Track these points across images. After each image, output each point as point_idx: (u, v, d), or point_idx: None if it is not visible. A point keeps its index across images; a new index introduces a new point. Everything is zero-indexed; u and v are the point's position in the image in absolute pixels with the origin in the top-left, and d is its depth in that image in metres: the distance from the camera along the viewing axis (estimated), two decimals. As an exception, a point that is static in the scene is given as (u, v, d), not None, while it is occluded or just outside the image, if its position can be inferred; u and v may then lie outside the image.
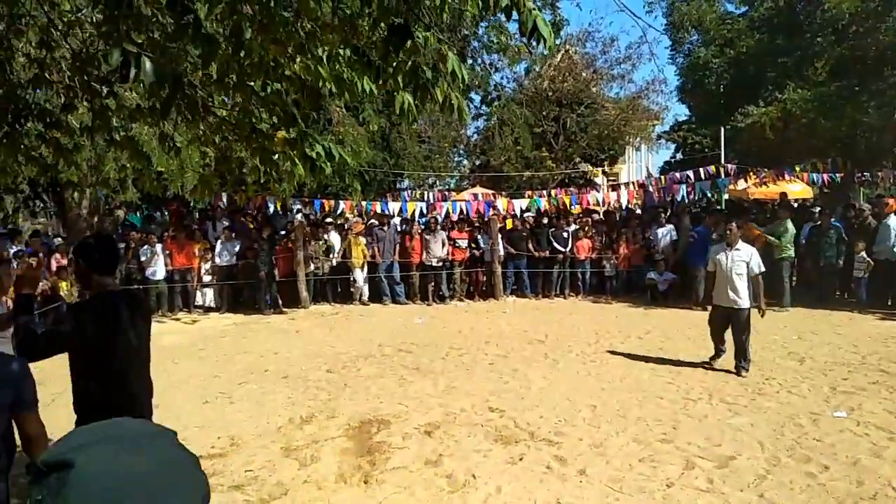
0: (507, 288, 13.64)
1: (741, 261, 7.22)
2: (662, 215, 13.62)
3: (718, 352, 7.50)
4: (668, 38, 22.70)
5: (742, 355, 7.18)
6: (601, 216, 15.82)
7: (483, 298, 13.52)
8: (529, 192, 18.53)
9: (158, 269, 12.01)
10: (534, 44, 2.15)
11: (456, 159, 24.60)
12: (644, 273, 13.13)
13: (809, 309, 11.07)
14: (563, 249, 13.50)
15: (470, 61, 18.74)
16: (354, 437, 5.53)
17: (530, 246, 13.54)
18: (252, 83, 2.38)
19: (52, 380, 4.18)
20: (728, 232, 7.52)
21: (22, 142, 3.97)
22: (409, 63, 2.18)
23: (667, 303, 12.34)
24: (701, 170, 15.55)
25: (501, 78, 23.02)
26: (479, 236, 13.66)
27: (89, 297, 3.13)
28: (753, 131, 16.49)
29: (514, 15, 2.27)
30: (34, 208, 14.92)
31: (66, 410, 3.11)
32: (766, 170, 14.35)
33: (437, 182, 23.32)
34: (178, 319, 11.94)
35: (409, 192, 20.60)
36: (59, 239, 12.24)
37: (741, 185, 15.30)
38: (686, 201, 16.00)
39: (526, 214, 14.84)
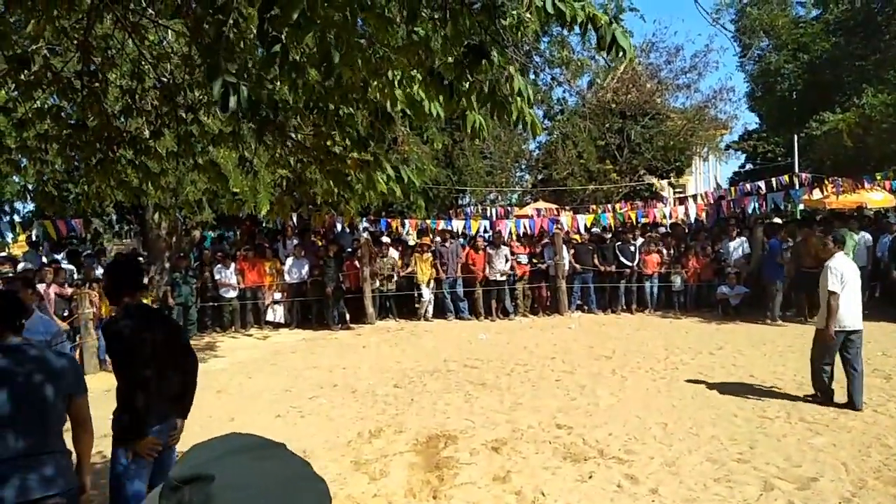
0: (573, 303, 13.49)
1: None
2: (733, 228, 13.22)
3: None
4: (736, 45, 22.16)
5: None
6: (668, 229, 15.47)
7: (547, 314, 13.40)
8: (594, 207, 18.34)
9: (231, 287, 12.47)
10: (611, 56, 2.17)
11: (518, 174, 24.57)
12: (714, 287, 12.76)
13: (894, 323, 10.50)
14: (629, 263, 13.26)
15: (532, 76, 18.76)
16: (422, 452, 5.58)
17: (596, 260, 13.37)
18: (329, 107, 2.48)
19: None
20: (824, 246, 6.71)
21: (114, 168, 4.25)
22: (485, 83, 2.24)
23: (739, 318, 11.94)
24: (773, 180, 15.02)
25: (564, 92, 22.94)
26: (543, 250, 13.57)
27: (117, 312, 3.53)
28: (829, 138, 15.88)
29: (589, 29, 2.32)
30: (119, 230, 15.75)
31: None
32: (843, 179, 13.76)
33: (500, 197, 23.34)
34: (250, 335, 12.34)
35: (472, 208, 20.69)
36: (141, 258, 12.85)
37: (817, 195, 14.70)
38: (758, 213, 15.50)
39: (592, 230, 14.68)
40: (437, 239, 13.95)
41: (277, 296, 13.04)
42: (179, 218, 11.62)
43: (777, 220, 14.83)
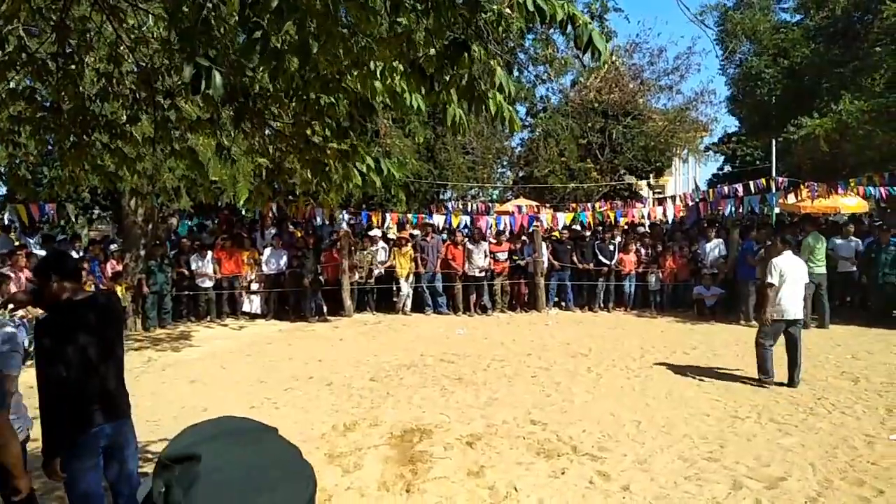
0: (550, 300, 13.55)
1: None
2: (711, 229, 13.38)
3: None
4: (718, 48, 22.38)
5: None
6: (647, 229, 15.61)
7: (525, 310, 13.45)
8: (574, 205, 18.43)
9: (207, 277, 12.35)
10: (588, 57, 2.17)
11: (499, 170, 24.61)
12: (690, 287, 12.90)
13: (865, 327, 10.70)
14: (608, 262, 13.35)
15: (516, 73, 18.78)
16: (397, 446, 5.57)
17: (574, 258, 13.44)
18: (309, 96, 2.46)
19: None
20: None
21: (89, 152, 4.17)
22: (464, 76, 2.23)
23: (714, 318, 12.09)
24: (751, 183, 15.21)
25: (547, 89, 23.02)
26: (522, 247, 13.60)
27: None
28: (806, 143, 16.09)
29: (568, 28, 2.32)
30: (93, 216, 15.50)
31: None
32: (818, 183, 13.96)
33: (481, 193, 23.37)
34: (225, 325, 12.23)
35: (453, 203, 20.69)
36: (115, 245, 12.67)
37: (792, 199, 14.90)
38: (734, 215, 15.68)
39: (571, 227, 14.76)
40: (417, 233, 13.93)
41: (254, 286, 12.93)
42: (156, 205, 11.46)
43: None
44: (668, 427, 5.91)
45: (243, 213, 15.00)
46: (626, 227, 15.65)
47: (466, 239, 13.44)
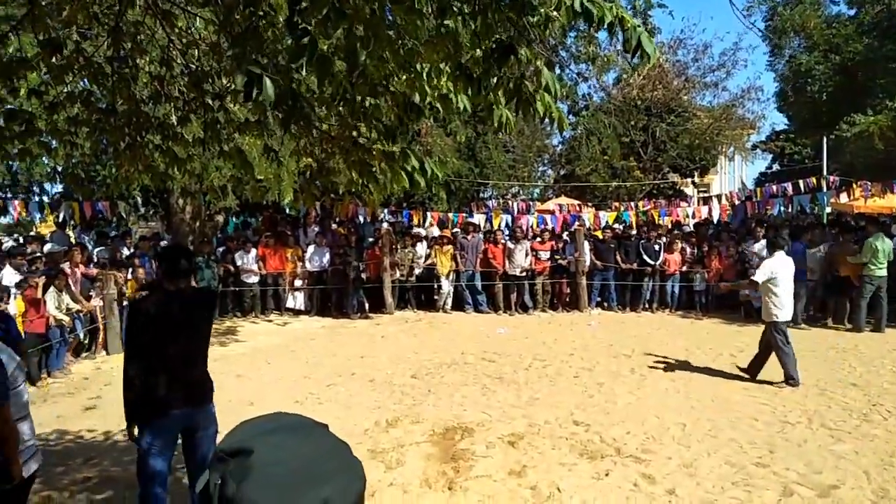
0: (593, 300, 13.42)
1: None
2: (758, 229, 13.05)
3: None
4: (766, 44, 21.82)
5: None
6: (692, 229, 15.31)
7: (567, 310, 13.35)
8: (616, 204, 18.20)
9: (252, 273, 12.59)
10: (637, 59, 2.15)
11: (540, 169, 24.46)
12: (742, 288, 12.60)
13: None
14: (652, 262, 13.14)
15: (558, 71, 18.64)
16: (439, 443, 5.60)
17: (618, 257, 13.27)
18: (356, 99, 2.49)
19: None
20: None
21: (142, 152, 4.30)
22: (512, 78, 2.23)
23: (762, 320, 11.77)
24: (800, 182, 14.78)
25: (589, 87, 22.78)
26: (564, 246, 13.50)
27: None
28: (860, 141, 15.56)
29: (605, 29, 2.29)
30: (144, 213, 15.96)
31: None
32: (872, 182, 13.49)
33: (521, 192, 23.27)
34: (270, 321, 12.45)
35: (493, 201, 20.66)
36: (164, 242, 13.01)
37: (844, 198, 14.43)
38: (783, 215, 15.27)
39: (614, 226, 14.60)
40: (458, 231, 13.96)
41: (298, 283, 13.14)
42: (204, 203, 11.74)
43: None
44: (715, 431, 5.79)
45: (287, 211, 15.25)
46: (670, 226, 15.38)
47: (507, 238, 13.40)
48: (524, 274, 13.13)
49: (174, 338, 3.48)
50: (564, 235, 14.09)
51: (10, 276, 8.61)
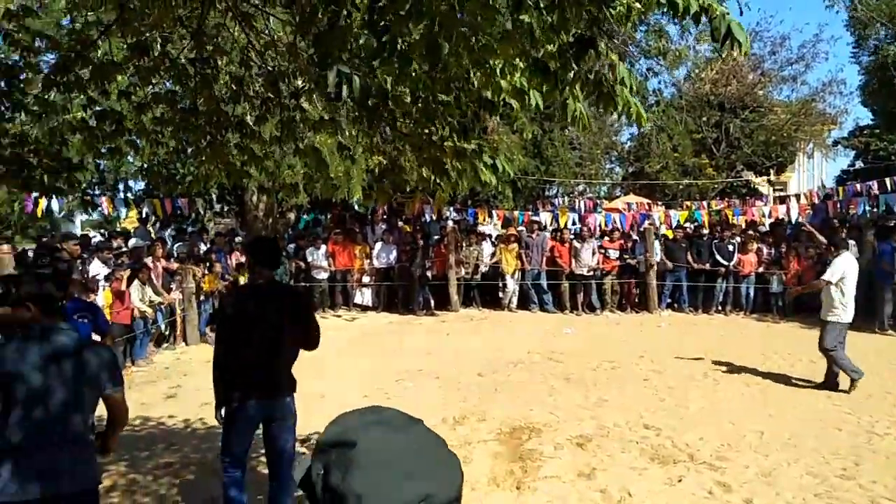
0: (663, 301, 13.07)
1: None
2: (841, 229, 12.40)
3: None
4: (850, 34, 20.71)
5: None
6: (768, 228, 14.70)
7: (636, 311, 13.05)
8: (687, 203, 17.68)
9: (322, 269, 12.87)
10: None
11: (608, 166, 24.00)
12: (817, 291, 12.01)
13: None
14: (726, 263, 12.68)
15: (627, 66, 18.27)
16: (506, 443, 5.58)
17: (689, 257, 12.88)
18: (432, 96, 2.49)
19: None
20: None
21: (222, 150, 4.45)
22: (590, 72, 2.19)
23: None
24: (886, 180, 13.95)
25: (659, 82, 22.19)
26: (633, 245, 13.20)
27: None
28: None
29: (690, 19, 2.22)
30: (219, 210, 16.57)
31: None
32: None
33: (588, 189, 22.90)
34: (339, 316, 12.70)
35: (559, 199, 20.41)
36: (239, 238, 13.46)
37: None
38: (868, 215, 14.46)
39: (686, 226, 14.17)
40: (523, 229, 13.87)
41: (366, 279, 13.35)
42: (276, 200, 12.09)
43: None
44: (795, 439, 5.54)
45: (355, 208, 15.52)
46: (744, 226, 14.81)
47: (573, 236, 13.21)
48: (591, 273, 12.92)
49: (256, 329, 3.61)
50: (633, 234, 13.77)
51: (98, 269, 9.08)
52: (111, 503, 4.55)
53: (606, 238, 13.24)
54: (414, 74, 2.18)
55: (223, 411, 3.72)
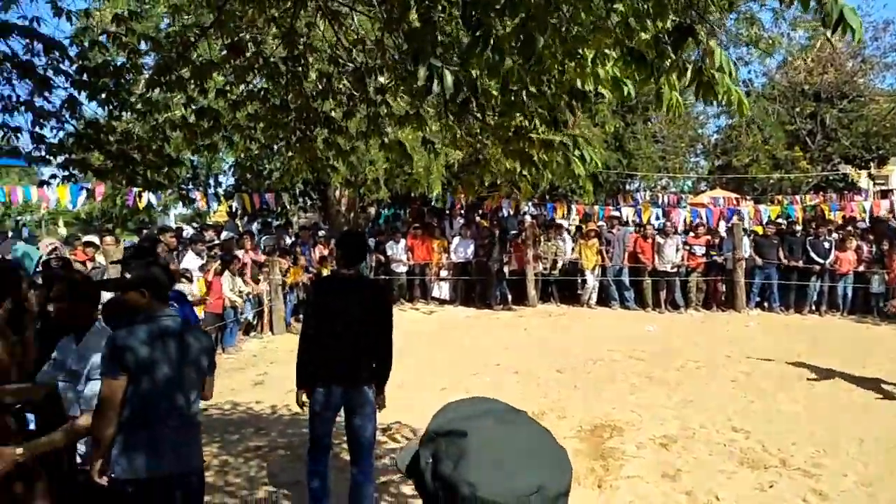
0: (752, 300, 12.52)
1: None
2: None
3: None
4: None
5: None
6: (868, 225, 13.83)
7: (722, 309, 12.55)
8: (779, 197, 16.88)
9: (401, 262, 13.06)
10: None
11: (693, 160, 23.20)
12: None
13: None
14: (821, 261, 12.02)
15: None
16: (586, 440, 5.51)
17: (781, 254, 12.28)
18: (525, 89, 2.48)
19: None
20: None
21: (310, 145, 4.60)
22: (688, 60, 2.13)
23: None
24: None
25: (749, 72, 21.23)
26: (721, 241, 12.69)
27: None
28: None
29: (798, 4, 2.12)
30: (303, 204, 17.09)
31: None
32: None
33: (672, 184, 22.21)
34: (416, 309, 12.85)
35: (641, 193, 19.90)
36: (322, 231, 13.85)
37: None
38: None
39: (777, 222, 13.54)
40: (603, 224, 13.61)
41: (443, 273, 13.45)
42: (358, 195, 12.35)
43: None
44: (899, 449, 5.21)
45: (433, 203, 15.66)
46: (841, 222, 14.00)
47: (657, 232, 12.85)
48: (675, 270, 12.52)
49: (339, 319, 3.76)
50: (721, 230, 13.25)
51: (192, 261, 9.55)
52: (206, 482, 4.79)
53: (691, 234, 12.80)
54: (511, 69, 2.17)
55: (304, 397, 3.90)
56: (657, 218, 14.07)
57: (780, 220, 13.63)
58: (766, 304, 12.58)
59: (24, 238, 12.50)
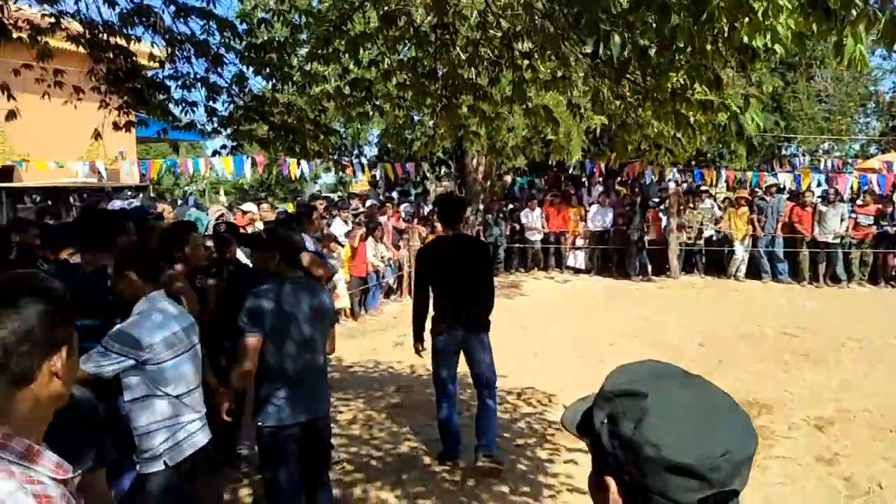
0: (928, 276, 11.25)
1: None
2: None
3: None
4: None
5: None
6: None
7: (892, 285, 11.39)
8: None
9: (536, 230, 13.00)
10: None
11: (862, 121, 20.94)
12: None
13: None
14: None
15: None
16: (734, 416, 5.28)
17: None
18: (691, 47, 2.37)
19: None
20: None
21: (455, 112, 4.67)
22: (877, 9, 1.94)
23: None
24: None
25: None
26: (893, 211, 11.45)
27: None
28: None
29: None
30: (438, 173, 17.44)
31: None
32: None
33: (835, 147, 20.21)
34: (551, 278, 12.79)
35: (799, 158, 18.29)
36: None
37: None
38: None
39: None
40: (757, 191, 12.71)
41: (580, 242, 13.24)
42: (495, 163, 12.39)
43: None
44: None
45: (570, 171, 15.38)
46: None
47: (819, 199, 11.80)
48: (838, 241, 11.47)
49: (448, 274, 4.29)
50: (894, 198, 11.93)
51: (339, 227, 10.09)
52: (352, 433, 5.13)
53: (859, 202, 11.63)
54: (670, 25, 2.09)
55: (425, 343, 4.48)
56: (818, 185, 12.91)
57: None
58: (947, 281, 11.25)
59: (193, 206, 13.79)
